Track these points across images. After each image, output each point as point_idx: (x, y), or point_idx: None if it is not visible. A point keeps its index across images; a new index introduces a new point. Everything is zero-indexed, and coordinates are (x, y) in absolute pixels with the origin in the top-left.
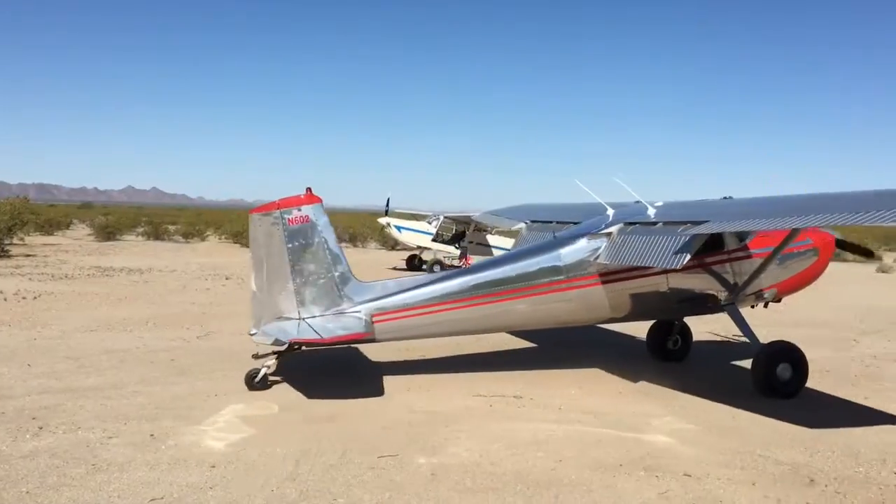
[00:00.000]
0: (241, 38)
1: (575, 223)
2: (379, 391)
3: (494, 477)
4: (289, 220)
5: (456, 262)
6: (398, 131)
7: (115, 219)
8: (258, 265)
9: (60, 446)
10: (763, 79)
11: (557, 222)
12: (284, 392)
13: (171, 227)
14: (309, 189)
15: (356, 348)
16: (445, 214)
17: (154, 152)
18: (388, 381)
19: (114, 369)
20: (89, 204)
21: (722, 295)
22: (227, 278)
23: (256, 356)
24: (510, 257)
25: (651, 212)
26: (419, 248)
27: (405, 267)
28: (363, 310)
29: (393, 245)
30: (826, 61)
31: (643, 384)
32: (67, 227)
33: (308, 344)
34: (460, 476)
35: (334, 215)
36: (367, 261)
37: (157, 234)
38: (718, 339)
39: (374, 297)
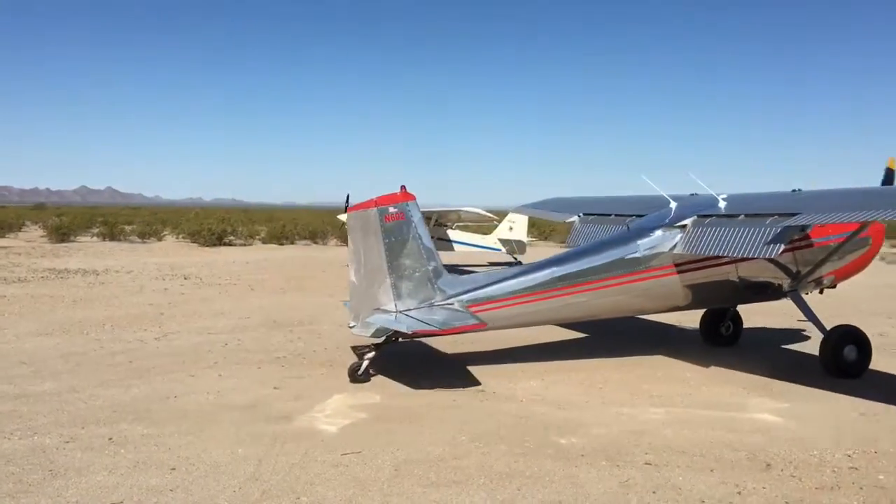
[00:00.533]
0: (194, 27)
1: (636, 215)
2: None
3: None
4: (385, 217)
5: None
6: (359, 125)
7: (68, 220)
8: (356, 261)
9: (17, 452)
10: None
11: (616, 215)
12: (226, 392)
13: (127, 227)
14: (403, 187)
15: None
16: None
17: (109, 151)
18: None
19: (70, 373)
20: (42, 205)
21: (785, 282)
22: (185, 278)
23: (358, 349)
24: (590, 249)
25: (722, 204)
26: None
27: None
28: (456, 302)
29: None
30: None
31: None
32: (20, 228)
33: (424, 335)
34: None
35: (293, 212)
36: (325, 258)
37: (112, 234)
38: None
39: (466, 289)
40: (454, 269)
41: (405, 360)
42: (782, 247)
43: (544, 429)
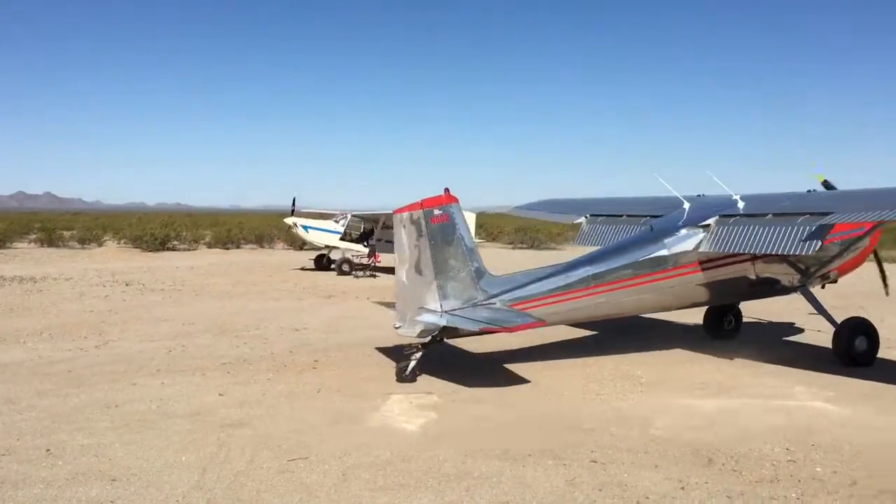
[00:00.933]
0: (134, 24)
1: (650, 216)
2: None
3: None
4: (431, 219)
5: (364, 261)
6: (306, 127)
7: (4, 225)
8: (404, 261)
9: None
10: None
11: (628, 215)
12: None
13: (67, 233)
14: (447, 189)
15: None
16: (353, 213)
17: (47, 155)
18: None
19: (6, 383)
20: None
21: (795, 279)
22: (127, 284)
23: (409, 348)
24: (620, 249)
25: (741, 204)
26: (327, 247)
27: (313, 267)
28: (497, 301)
29: (301, 245)
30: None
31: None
32: None
33: (488, 333)
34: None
35: (239, 216)
36: (272, 262)
37: (51, 240)
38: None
39: (506, 289)
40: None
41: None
42: (820, 243)
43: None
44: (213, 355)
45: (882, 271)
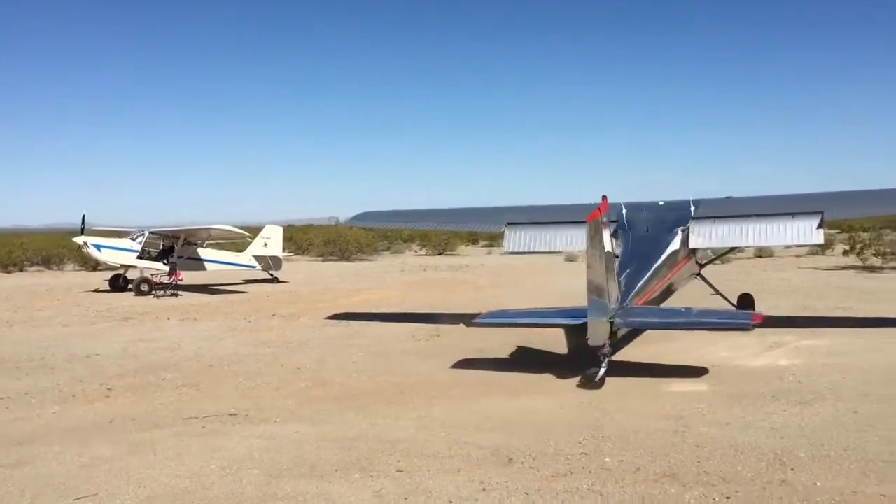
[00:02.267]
0: None
1: (571, 222)
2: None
3: None
4: (604, 225)
5: (165, 279)
6: (95, 136)
7: None
8: (593, 267)
9: None
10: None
11: (554, 222)
12: None
13: None
14: (604, 197)
15: None
16: (151, 230)
17: None
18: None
19: None
20: None
21: (697, 269)
22: None
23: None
24: (654, 243)
25: (696, 208)
26: (123, 266)
27: (108, 288)
28: (629, 301)
29: (95, 266)
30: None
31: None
32: None
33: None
34: None
35: (23, 236)
36: (61, 285)
37: None
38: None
39: (628, 288)
40: (208, 288)
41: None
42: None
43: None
44: None
45: None
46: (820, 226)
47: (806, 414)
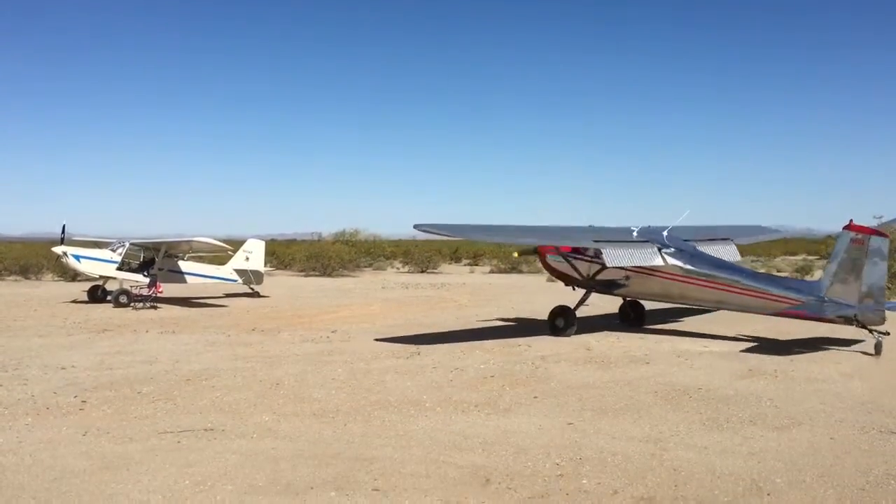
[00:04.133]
0: None
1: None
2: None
3: None
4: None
5: (145, 291)
6: (76, 144)
7: None
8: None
9: None
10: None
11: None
12: None
13: None
14: (851, 220)
15: None
16: (132, 241)
17: None
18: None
19: None
20: None
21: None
22: None
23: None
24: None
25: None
26: (102, 277)
27: (87, 299)
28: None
29: (73, 276)
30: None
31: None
32: None
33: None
34: None
35: (1, 246)
36: (39, 295)
37: None
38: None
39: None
40: (188, 301)
41: None
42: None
43: None
44: None
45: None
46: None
47: (783, 439)
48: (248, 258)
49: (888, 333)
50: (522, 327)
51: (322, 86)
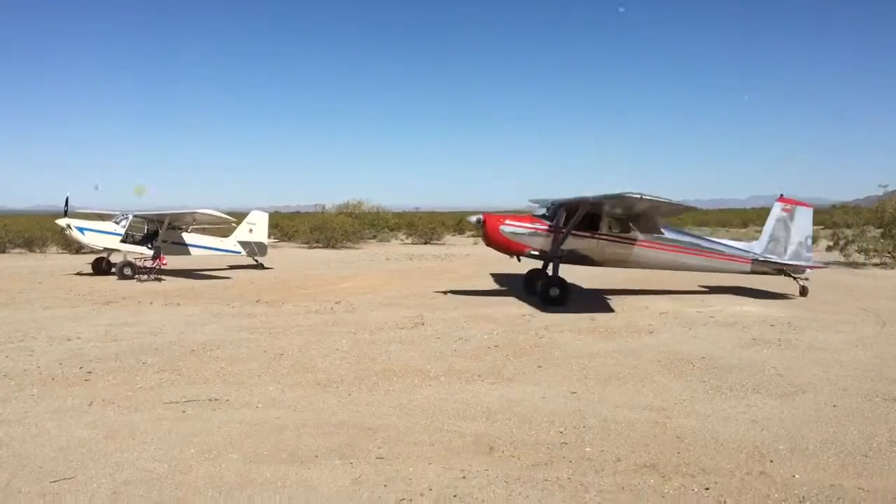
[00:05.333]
0: None
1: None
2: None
3: None
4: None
5: (149, 264)
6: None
7: None
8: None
9: None
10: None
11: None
12: None
13: None
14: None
15: None
16: (135, 213)
17: None
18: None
19: None
20: None
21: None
22: None
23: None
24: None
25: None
26: (107, 250)
27: (92, 272)
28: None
29: (78, 249)
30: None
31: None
32: None
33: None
34: None
35: (5, 218)
36: (44, 267)
37: None
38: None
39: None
40: (192, 273)
41: None
42: None
43: None
44: None
45: None
46: None
47: (786, 407)
48: (251, 230)
49: (808, 279)
50: (526, 297)
51: (328, 57)
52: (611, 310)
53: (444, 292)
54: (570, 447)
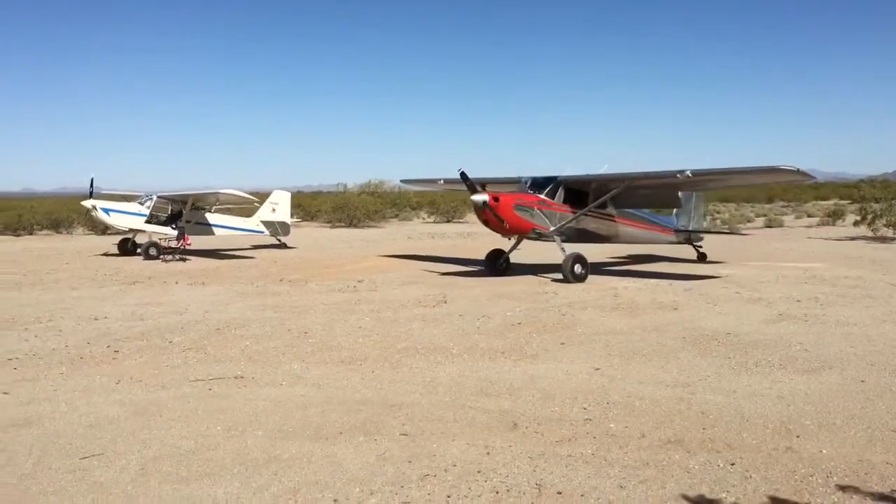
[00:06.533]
0: None
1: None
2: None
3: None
4: None
5: (173, 244)
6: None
7: None
8: None
9: None
10: None
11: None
12: None
13: None
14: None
15: None
16: (159, 194)
17: None
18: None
19: None
20: None
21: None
22: None
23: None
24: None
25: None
26: (132, 230)
27: (117, 252)
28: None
29: (104, 230)
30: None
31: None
32: None
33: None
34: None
35: (32, 200)
36: (70, 248)
37: None
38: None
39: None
40: (216, 253)
41: None
42: None
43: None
44: None
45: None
46: None
47: (812, 382)
48: (274, 210)
49: (702, 246)
50: (549, 274)
51: (348, 37)
52: (633, 287)
53: (466, 272)
54: (595, 423)
